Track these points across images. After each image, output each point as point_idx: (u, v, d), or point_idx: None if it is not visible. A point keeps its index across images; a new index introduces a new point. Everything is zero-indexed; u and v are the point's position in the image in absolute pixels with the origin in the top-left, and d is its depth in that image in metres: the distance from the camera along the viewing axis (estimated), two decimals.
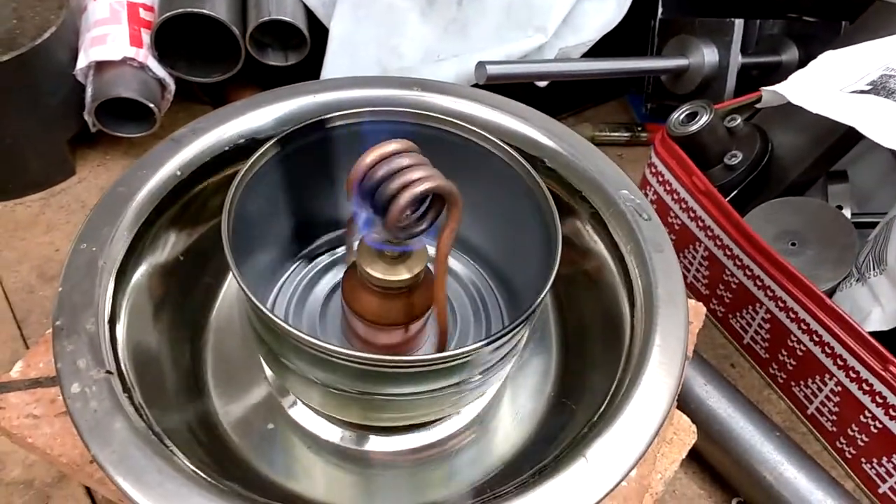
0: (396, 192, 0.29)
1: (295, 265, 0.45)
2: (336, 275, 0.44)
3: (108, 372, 0.32)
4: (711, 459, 0.56)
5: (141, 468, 0.29)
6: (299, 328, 0.31)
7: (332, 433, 0.40)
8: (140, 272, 0.38)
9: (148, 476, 0.29)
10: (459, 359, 0.32)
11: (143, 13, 0.72)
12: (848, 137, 0.63)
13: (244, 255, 0.37)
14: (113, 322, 0.35)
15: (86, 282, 0.35)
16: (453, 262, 0.46)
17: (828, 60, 0.62)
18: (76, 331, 0.33)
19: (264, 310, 0.31)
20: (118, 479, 0.29)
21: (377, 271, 0.33)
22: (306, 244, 0.46)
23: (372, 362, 0.31)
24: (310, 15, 0.76)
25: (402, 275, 0.33)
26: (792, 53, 0.82)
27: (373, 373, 0.32)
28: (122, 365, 0.33)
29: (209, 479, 0.30)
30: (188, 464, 0.31)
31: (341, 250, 0.46)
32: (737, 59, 0.76)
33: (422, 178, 0.29)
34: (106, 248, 0.36)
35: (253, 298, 0.31)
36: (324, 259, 0.45)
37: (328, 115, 0.39)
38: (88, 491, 0.52)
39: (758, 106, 0.64)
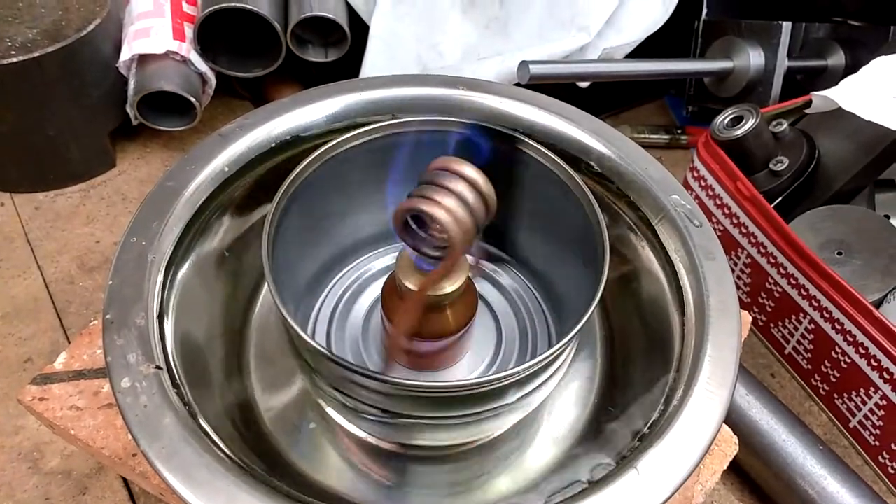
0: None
1: (339, 276, 0.45)
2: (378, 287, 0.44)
3: (158, 367, 0.32)
4: (751, 472, 0.55)
5: (190, 464, 0.29)
6: (331, 350, 0.31)
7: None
8: (187, 267, 0.38)
9: (197, 472, 0.29)
10: (495, 384, 0.31)
11: (185, 7, 0.73)
12: None
13: (287, 265, 0.37)
14: (161, 317, 0.35)
15: (136, 276, 0.35)
16: (500, 275, 0.46)
17: (880, 66, 0.61)
18: (126, 325, 0.33)
19: (294, 325, 0.30)
20: (167, 475, 0.29)
21: (415, 285, 0.33)
22: (351, 256, 0.46)
23: (398, 387, 0.30)
24: (350, 11, 0.76)
25: (442, 288, 0.33)
26: (838, 58, 0.80)
27: (398, 396, 0.32)
28: (171, 360, 0.33)
29: (256, 477, 0.30)
30: (235, 460, 0.31)
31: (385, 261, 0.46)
32: (783, 62, 0.74)
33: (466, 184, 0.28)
34: (155, 242, 0.36)
35: (284, 310, 0.30)
36: (370, 268, 0.46)
37: (372, 127, 0.39)
38: (125, 483, 0.52)
39: (807, 111, 0.63)
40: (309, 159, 0.37)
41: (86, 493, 0.51)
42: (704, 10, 0.82)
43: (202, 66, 0.72)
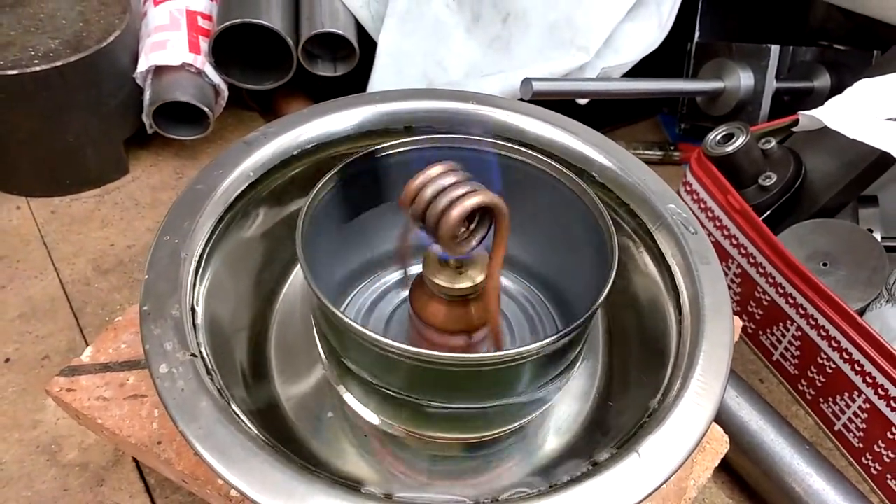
0: (445, 209, 0.30)
1: (363, 283, 0.47)
2: (399, 294, 0.46)
3: (193, 355, 0.34)
4: (741, 470, 0.57)
5: (226, 444, 0.31)
6: (363, 325, 0.33)
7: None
8: (216, 263, 0.40)
9: (232, 451, 0.31)
10: (514, 360, 0.33)
11: (201, 21, 0.75)
12: (879, 163, 0.64)
13: (316, 269, 0.39)
14: (193, 309, 0.37)
15: (170, 271, 0.37)
16: (507, 281, 0.48)
17: (864, 88, 0.64)
18: (162, 316, 0.35)
19: (329, 306, 0.32)
20: (205, 454, 0.31)
21: (441, 280, 0.35)
22: (378, 267, 0.48)
23: (428, 358, 0.32)
24: (359, 28, 0.79)
25: (465, 283, 0.35)
26: (824, 80, 0.84)
27: (429, 371, 0.33)
28: (203, 349, 0.36)
29: (288, 457, 0.32)
30: (267, 441, 0.33)
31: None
32: (772, 83, 0.77)
33: (467, 193, 0.30)
34: (187, 240, 0.38)
35: (321, 296, 0.33)
36: (393, 277, 0.48)
37: (386, 144, 0.40)
38: (141, 475, 0.54)
39: (794, 129, 0.66)
40: (350, 160, 0.38)
41: (103, 485, 0.53)
42: (697, 33, 0.85)
43: (216, 78, 0.75)
